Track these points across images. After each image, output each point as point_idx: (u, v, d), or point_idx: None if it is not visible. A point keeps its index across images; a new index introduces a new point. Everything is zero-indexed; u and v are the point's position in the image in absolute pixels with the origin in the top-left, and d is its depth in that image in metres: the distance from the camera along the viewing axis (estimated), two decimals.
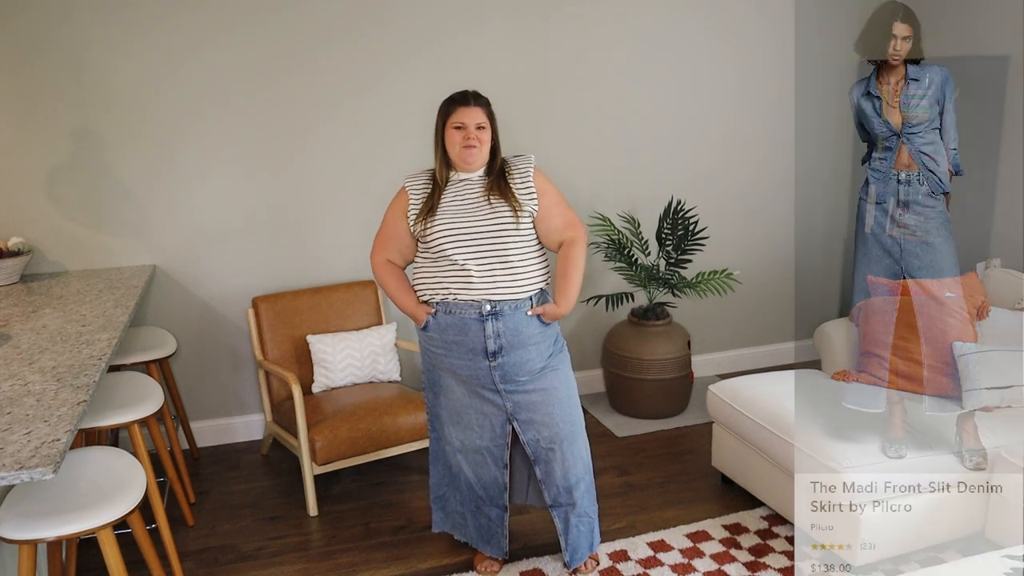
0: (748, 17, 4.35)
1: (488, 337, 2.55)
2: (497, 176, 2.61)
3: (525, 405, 2.65)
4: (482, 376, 2.61)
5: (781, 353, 4.78)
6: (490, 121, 2.61)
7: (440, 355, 2.66)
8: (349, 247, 3.92)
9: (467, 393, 2.68)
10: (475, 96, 2.62)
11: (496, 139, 2.64)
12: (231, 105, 3.65)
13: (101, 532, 2.05)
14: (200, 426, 3.90)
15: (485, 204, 2.57)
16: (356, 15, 3.74)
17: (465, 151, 2.57)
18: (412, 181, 2.67)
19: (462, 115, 2.58)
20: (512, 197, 2.57)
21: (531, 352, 2.61)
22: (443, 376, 2.70)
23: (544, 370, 2.65)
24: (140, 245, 3.67)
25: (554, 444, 2.68)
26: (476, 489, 2.78)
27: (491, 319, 2.55)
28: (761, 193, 4.57)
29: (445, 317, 2.59)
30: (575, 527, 2.77)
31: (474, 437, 2.71)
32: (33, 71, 3.42)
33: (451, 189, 2.62)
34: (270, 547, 3.07)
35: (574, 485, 2.73)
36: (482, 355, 2.58)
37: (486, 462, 2.73)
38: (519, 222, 2.56)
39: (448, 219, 2.56)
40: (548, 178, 2.68)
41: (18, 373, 2.27)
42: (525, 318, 2.58)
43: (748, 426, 3.09)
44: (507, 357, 2.58)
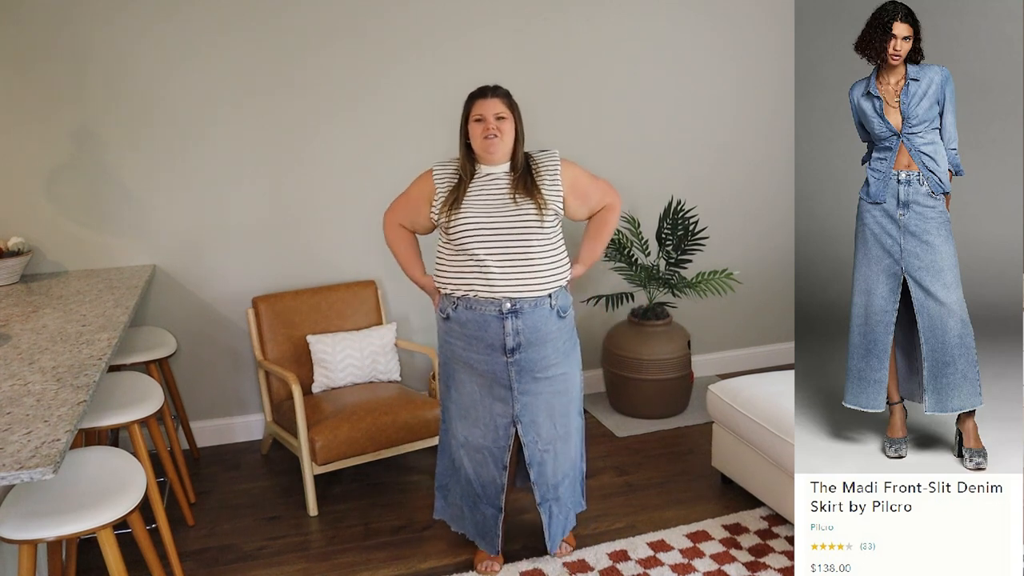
0: (748, 17, 4.35)
1: (507, 334, 2.59)
2: (523, 173, 2.64)
3: (532, 408, 2.69)
4: (498, 371, 2.65)
5: (781, 353, 4.79)
6: (511, 111, 2.63)
7: (459, 348, 2.69)
8: (349, 247, 3.92)
9: (479, 390, 2.71)
10: (493, 89, 2.65)
11: (519, 130, 2.67)
12: (232, 105, 3.65)
13: (101, 532, 2.05)
14: (200, 426, 3.90)
15: (511, 202, 2.59)
16: (355, 17, 3.74)
17: (486, 142, 2.59)
18: (440, 170, 2.70)
19: (481, 107, 2.61)
20: (538, 195, 2.60)
21: (548, 349, 2.65)
22: (458, 370, 2.74)
23: (556, 371, 2.69)
24: (140, 245, 3.67)
25: (550, 446, 2.75)
26: (475, 486, 2.82)
27: (511, 316, 2.58)
28: (761, 193, 4.57)
29: (466, 312, 2.63)
30: (556, 517, 2.85)
31: (478, 436, 2.75)
32: (34, 71, 3.42)
33: (477, 183, 2.65)
34: (270, 547, 3.07)
35: (560, 482, 2.82)
36: (500, 351, 2.62)
37: (486, 461, 2.76)
38: (543, 220, 2.58)
39: (473, 214, 2.58)
40: (573, 163, 2.73)
41: (18, 373, 2.27)
42: (544, 315, 2.62)
43: (748, 426, 3.09)
44: (525, 354, 2.63)
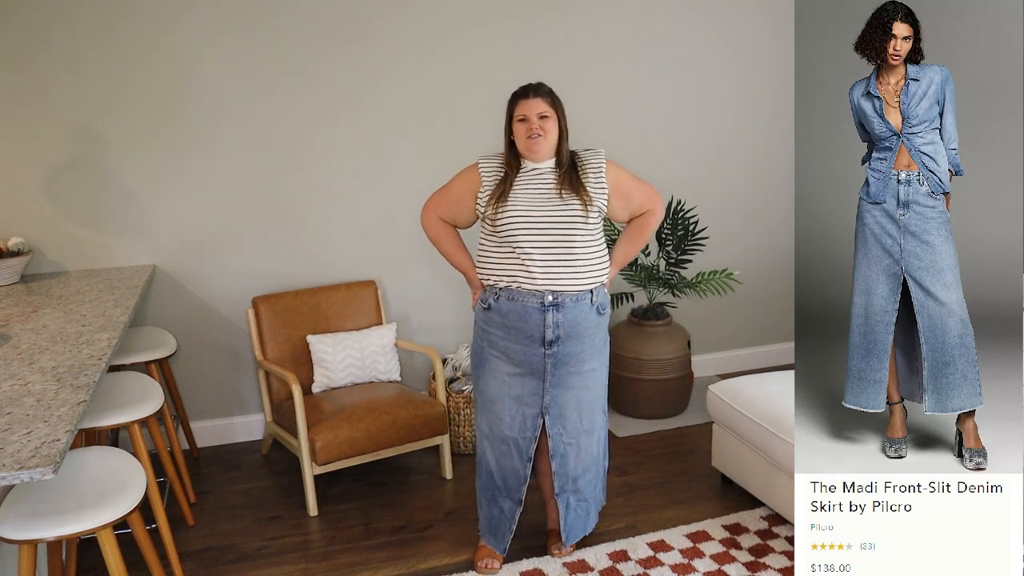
0: (748, 17, 4.35)
1: (548, 327, 2.63)
2: (569, 169, 2.66)
3: (561, 401, 2.73)
4: (535, 362, 2.68)
5: (781, 353, 4.79)
6: (554, 109, 2.65)
7: (498, 337, 2.71)
8: (349, 247, 3.92)
9: (509, 380, 2.73)
10: (536, 88, 2.66)
11: (563, 127, 2.68)
12: (232, 105, 3.65)
13: (101, 532, 2.05)
14: (200, 426, 3.90)
15: (556, 196, 2.62)
16: (355, 18, 3.74)
17: (530, 142, 2.62)
18: (487, 164, 2.72)
19: (523, 108, 2.63)
20: (584, 192, 2.63)
21: (585, 344, 2.69)
22: (490, 360, 2.75)
23: (589, 367, 2.73)
24: (140, 245, 3.67)
25: (574, 439, 2.79)
26: (495, 478, 2.84)
27: (552, 309, 2.62)
28: (761, 193, 4.57)
29: (508, 303, 2.66)
30: (574, 509, 2.87)
31: (503, 427, 2.77)
32: (34, 71, 3.41)
33: (523, 177, 2.67)
34: (270, 547, 3.07)
35: (580, 475, 2.84)
36: (539, 343, 2.65)
37: (511, 452, 2.79)
38: (588, 217, 2.61)
39: (520, 207, 2.61)
40: (618, 164, 2.75)
41: (18, 373, 2.27)
42: (585, 310, 2.65)
43: (748, 426, 3.09)
44: (562, 347, 2.66)
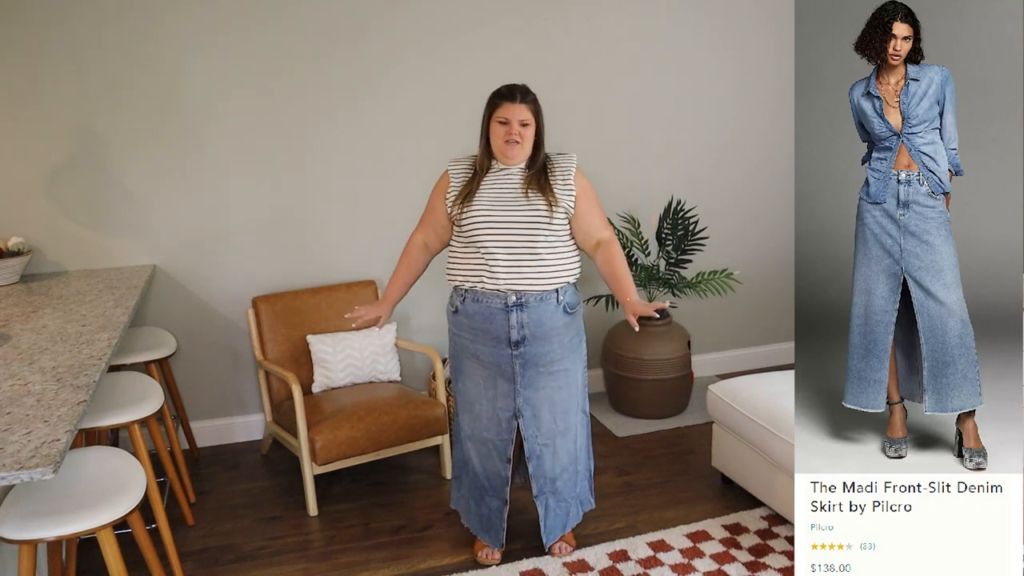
0: (748, 17, 4.35)
1: (512, 327, 2.62)
2: (538, 170, 2.64)
3: (533, 402, 2.72)
4: (503, 364, 2.68)
5: (781, 353, 4.79)
6: (535, 118, 2.63)
7: (466, 340, 2.72)
8: (349, 247, 3.92)
9: (483, 383, 2.74)
10: (523, 93, 2.63)
11: (541, 135, 2.66)
12: (232, 105, 3.65)
13: (101, 532, 2.05)
14: (200, 426, 3.90)
15: (522, 196, 2.61)
16: (355, 18, 3.74)
17: (507, 147, 2.61)
18: (455, 165, 2.73)
19: (507, 111, 2.60)
20: (550, 192, 2.61)
21: (553, 343, 2.68)
22: (465, 362, 2.77)
23: (560, 366, 2.71)
24: (140, 245, 3.67)
25: (549, 441, 2.78)
26: (480, 478, 2.85)
27: (516, 310, 2.61)
28: (761, 193, 4.57)
29: (473, 305, 2.66)
30: (552, 510, 2.86)
31: (482, 429, 2.78)
32: (34, 71, 3.42)
33: (491, 177, 2.66)
34: (270, 547, 3.07)
35: (558, 475, 2.83)
36: (505, 344, 2.65)
37: (491, 454, 2.79)
38: (553, 217, 2.60)
39: (484, 207, 2.61)
40: (587, 179, 2.72)
41: (18, 373, 2.27)
42: (550, 310, 2.64)
43: (748, 426, 3.09)
44: (529, 347, 2.65)
